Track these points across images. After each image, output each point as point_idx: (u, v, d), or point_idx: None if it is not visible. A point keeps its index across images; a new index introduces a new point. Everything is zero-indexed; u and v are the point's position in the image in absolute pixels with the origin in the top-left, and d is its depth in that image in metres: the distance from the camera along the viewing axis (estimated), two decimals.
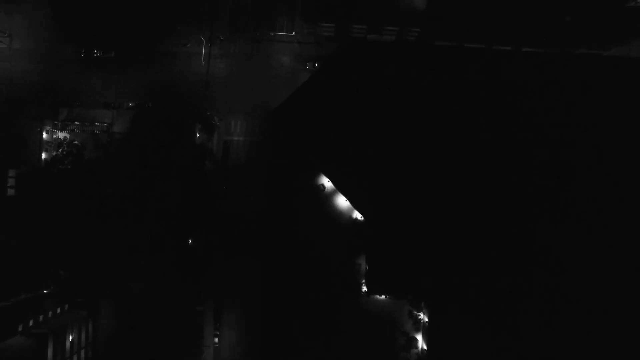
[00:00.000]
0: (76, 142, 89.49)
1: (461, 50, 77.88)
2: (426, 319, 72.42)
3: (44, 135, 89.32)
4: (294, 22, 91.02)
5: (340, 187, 72.88)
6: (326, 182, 74.74)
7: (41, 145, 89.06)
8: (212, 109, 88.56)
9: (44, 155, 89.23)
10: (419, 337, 73.42)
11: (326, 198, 74.76)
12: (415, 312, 73.77)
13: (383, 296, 73.39)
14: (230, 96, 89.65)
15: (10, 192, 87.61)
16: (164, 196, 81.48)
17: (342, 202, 74.67)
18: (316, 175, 74.51)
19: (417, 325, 73.73)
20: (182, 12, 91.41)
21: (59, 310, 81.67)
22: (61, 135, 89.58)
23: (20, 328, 72.50)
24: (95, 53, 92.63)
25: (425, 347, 71.64)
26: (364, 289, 73.42)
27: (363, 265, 73.82)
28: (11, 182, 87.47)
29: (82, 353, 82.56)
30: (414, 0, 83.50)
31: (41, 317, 76.93)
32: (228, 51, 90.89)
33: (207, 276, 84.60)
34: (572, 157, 68.44)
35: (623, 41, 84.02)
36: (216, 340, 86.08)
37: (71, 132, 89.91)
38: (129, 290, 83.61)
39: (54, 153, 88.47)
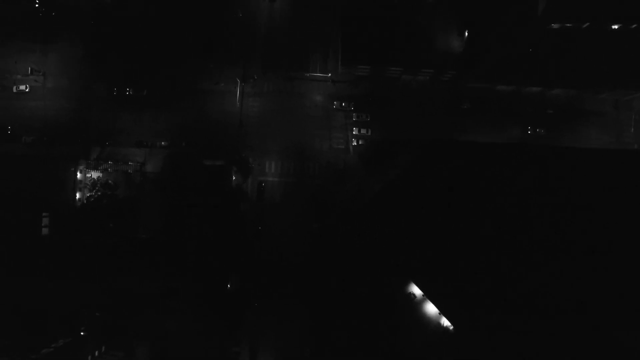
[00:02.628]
0: (110, 181, 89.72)
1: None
2: None
3: (78, 174, 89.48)
4: (327, 60, 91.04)
5: (430, 296, 69.23)
6: (416, 290, 71.27)
7: (75, 185, 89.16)
8: (245, 149, 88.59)
9: (78, 195, 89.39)
10: None
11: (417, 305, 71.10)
12: None
13: None
14: (263, 135, 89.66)
15: (45, 231, 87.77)
16: (201, 240, 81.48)
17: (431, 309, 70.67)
18: (405, 283, 71.87)
19: None
20: (215, 50, 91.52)
21: (97, 353, 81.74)
22: (94, 174, 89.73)
23: None
24: (127, 91, 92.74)
25: None
26: None
27: None
28: (45, 221, 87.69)
29: None
30: (450, 43, 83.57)
31: None
32: (261, 89, 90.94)
33: (244, 317, 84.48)
34: None
35: None
36: None
37: (104, 171, 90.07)
38: (165, 331, 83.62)
39: (88, 194, 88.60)
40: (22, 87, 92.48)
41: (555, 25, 57.75)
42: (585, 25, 56.80)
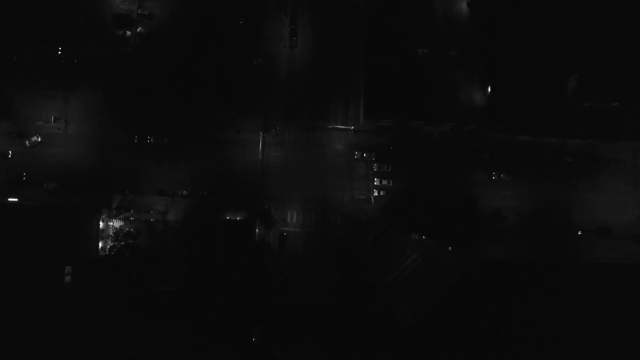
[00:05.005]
0: (131, 229, 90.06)
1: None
2: None
3: (100, 224, 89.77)
4: (348, 108, 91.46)
5: None
6: None
7: (98, 234, 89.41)
8: (267, 199, 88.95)
9: (100, 244, 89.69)
10: None
11: None
12: None
13: None
14: (285, 185, 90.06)
15: (68, 279, 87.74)
16: (225, 292, 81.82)
17: None
18: None
19: None
20: (236, 98, 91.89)
21: None
22: (116, 223, 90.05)
23: None
24: (148, 139, 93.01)
25: None
26: None
27: None
28: (68, 270, 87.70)
29: None
30: (472, 96, 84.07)
31: None
32: (283, 139, 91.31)
33: None
34: None
35: None
36: None
37: (125, 219, 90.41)
38: None
39: (111, 243, 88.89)
40: (35, 138, 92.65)
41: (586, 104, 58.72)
42: (614, 105, 57.70)
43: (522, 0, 78.11)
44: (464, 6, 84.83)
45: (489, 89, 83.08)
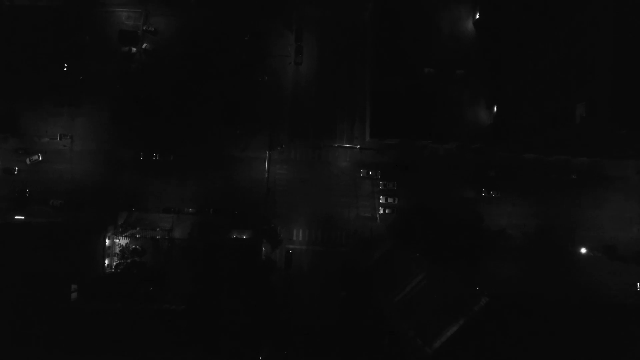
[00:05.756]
0: (137, 247, 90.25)
1: None
2: None
3: (107, 241, 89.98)
4: (354, 126, 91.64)
5: None
6: None
7: (104, 252, 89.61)
8: (273, 216, 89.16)
9: (106, 261, 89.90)
10: None
11: None
12: None
13: None
14: (291, 203, 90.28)
15: (74, 296, 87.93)
16: (231, 310, 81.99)
17: None
18: None
19: None
20: (242, 116, 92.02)
21: None
22: (122, 241, 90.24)
23: None
24: (154, 156, 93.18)
25: None
26: None
27: None
28: (74, 287, 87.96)
29: None
30: (479, 116, 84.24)
31: None
32: (289, 156, 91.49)
33: None
34: None
35: None
36: None
37: (131, 236, 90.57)
38: None
39: (117, 261, 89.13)
40: (35, 157, 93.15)
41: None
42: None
43: (529, 21, 78.11)
44: (470, 25, 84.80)
45: (495, 109, 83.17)
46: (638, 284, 69.26)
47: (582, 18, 63.05)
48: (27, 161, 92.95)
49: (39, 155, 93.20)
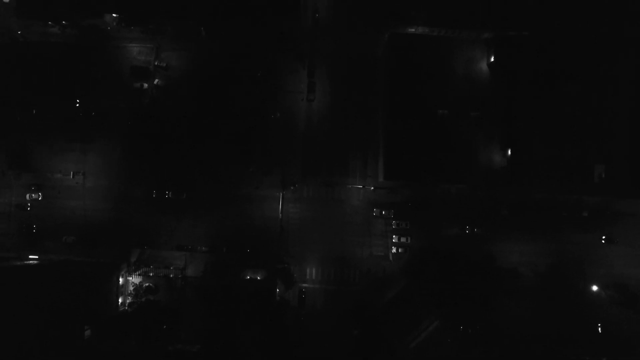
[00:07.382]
0: (150, 285, 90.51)
1: None
2: None
3: (120, 280, 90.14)
4: (366, 166, 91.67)
5: None
6: None
7: (117, 290, 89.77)
8: (286, 255, 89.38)
9: (120, 300, 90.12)
10: None
11: None
12: None
13: None
14: (304, 242, 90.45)
15: (87, 333, 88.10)
16: (245, 350, 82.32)
17: None
18: None
19: None
20: (255, 154, 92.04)
21: None
22: (135, 279, 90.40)
23: None
24: (166, 194, 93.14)
25: None
26: None
27: None
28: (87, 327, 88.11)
29: None
30: (492, 158, 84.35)
31: None
32: (302, 195, 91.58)
33: None
34: None
35: None
36: None
37: (144, 274, 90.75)
38: None
39: (130, 300, 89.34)
40: (35, 196, 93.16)
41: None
42: None
43: (543, 66, 78.21)
44: (484, 67, 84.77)
45: (509, 152, 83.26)
46: None
47: (602, 74, 63.12)
48: (27, 197, 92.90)
49: (39, 195, 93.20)
